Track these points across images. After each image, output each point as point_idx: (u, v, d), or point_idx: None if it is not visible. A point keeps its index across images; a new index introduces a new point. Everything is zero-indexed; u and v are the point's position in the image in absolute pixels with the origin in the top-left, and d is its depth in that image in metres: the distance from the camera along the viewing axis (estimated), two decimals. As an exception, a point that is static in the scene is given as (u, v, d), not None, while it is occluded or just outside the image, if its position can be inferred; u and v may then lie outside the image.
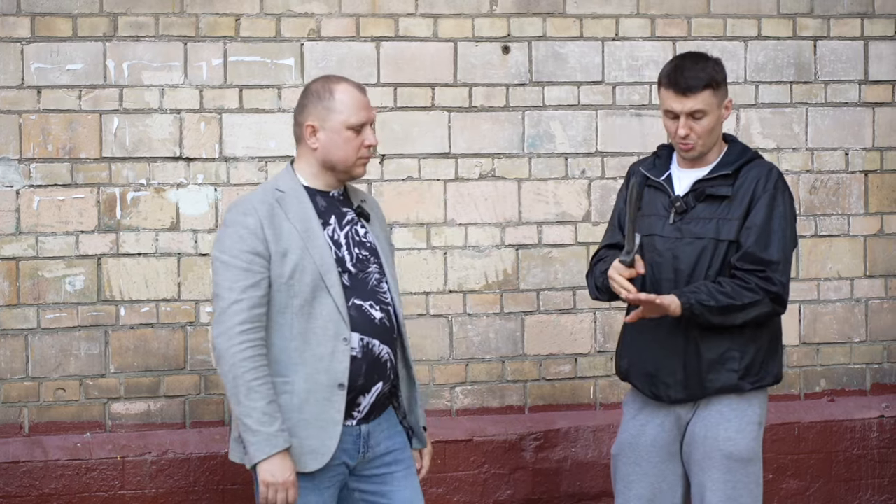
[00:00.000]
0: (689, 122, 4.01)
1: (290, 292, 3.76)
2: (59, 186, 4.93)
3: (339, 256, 3.82)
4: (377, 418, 3.87)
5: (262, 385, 3.70)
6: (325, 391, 3.75)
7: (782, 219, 4.02)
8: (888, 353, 5.65)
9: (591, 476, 5.28)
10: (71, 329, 4.95)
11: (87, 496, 4.86)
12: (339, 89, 3.83)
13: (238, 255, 3.75)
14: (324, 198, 3.87)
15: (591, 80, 5.34)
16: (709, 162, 4.09)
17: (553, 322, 5.35)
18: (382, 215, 4.04)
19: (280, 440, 3.69)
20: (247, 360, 3.70)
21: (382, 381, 3.84)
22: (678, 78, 4.01)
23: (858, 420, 5.51)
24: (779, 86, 5.50)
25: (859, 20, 5.56)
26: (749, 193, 4.02)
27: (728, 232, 4.00)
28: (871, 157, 5.59)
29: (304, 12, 5.09)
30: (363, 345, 3.79)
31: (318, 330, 3.76)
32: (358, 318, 3.79)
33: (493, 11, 5.25)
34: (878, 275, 5.62)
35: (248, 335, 3.71)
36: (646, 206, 4.13)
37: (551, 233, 5.33)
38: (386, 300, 3.87)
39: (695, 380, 4.02)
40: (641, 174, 4.11)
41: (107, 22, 4.95)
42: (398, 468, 3.91)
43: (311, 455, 3.75)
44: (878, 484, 5.54)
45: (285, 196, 3.83)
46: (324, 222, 3.83)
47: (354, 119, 3.80)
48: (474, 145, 5.25)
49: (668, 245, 4.05)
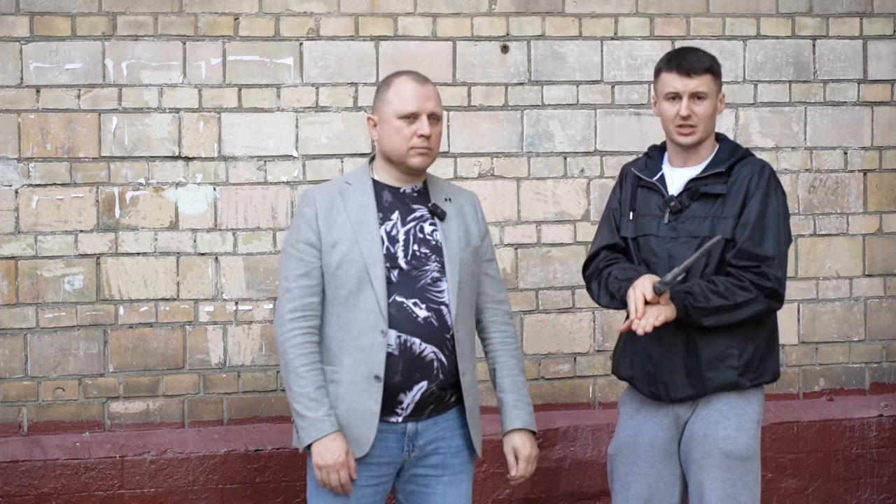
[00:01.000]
0: (691, 103, 4.01)
1: (337, 282, 3.82)
2: (57, 186, 4.94)
3: (392, 252, 3.84)
4: (432, 417, 3.87)
5: (310, 371, 3.78)
6: (364, 382, 3.80)
7: (776, 215, 4.01)
8: (887, 353, 5.64)
9: (590, 475, 5.28)
10: (70, 328, 4.96)
11: (86, 495, 4.87)
12: (396, 81, 3.89)
13: (294, 245, 3.86)
14: (392, 193, 3.91)
15: (590, 80, 5.34)
16: (701, 159, 4.09)
17: (552, 321, 5.35)
18: (476, 214, 4.02)
19: (327, 424, 3.75)
20: (296, 346, 3.79)
21: (427, 380, 3.83)
22: (681, 60, 4.04)
23: (857, 419, 5.51)
24: (777, 85, 5.50)
25: (858, 19, 5.57)
26: (743, 190, 4.01)
27: (723, 230, 3.99)
28: (870, 157, 5.59)
29: (302, 11, 5.10)
30: (401, 342, 3.80)
31: (360, 321, 3.81)
32: (397, 315, 3.81)
33: (491, 11, 5.26)
34: (876, 274, 5.62)
35: (298, 322, 3.80)
36: (640, 207, 4.13)
37: (550, 232, 5.33)
38: (439, 300, 3.86)
39: (694, 378, 4.02)
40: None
41: (106, 21, 4.95)
42: (444, 472, 3.92)
43: (354, 443, 3.80)
44: (877, 483, 5.54)
45: (350, 188, 3.89)
46: (384, 217, 3.87)
47: (406, 108, 3.83)
48: (473, 144, 5.26)
49: (664, 245, 4.05)
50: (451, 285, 3.86)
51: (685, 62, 4.04)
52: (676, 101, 4.03)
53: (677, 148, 4.12)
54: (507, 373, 4.02)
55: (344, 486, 3.78)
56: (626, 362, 4.17)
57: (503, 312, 4.06)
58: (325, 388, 3.80)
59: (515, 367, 4.05)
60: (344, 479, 3.77)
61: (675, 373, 4.03)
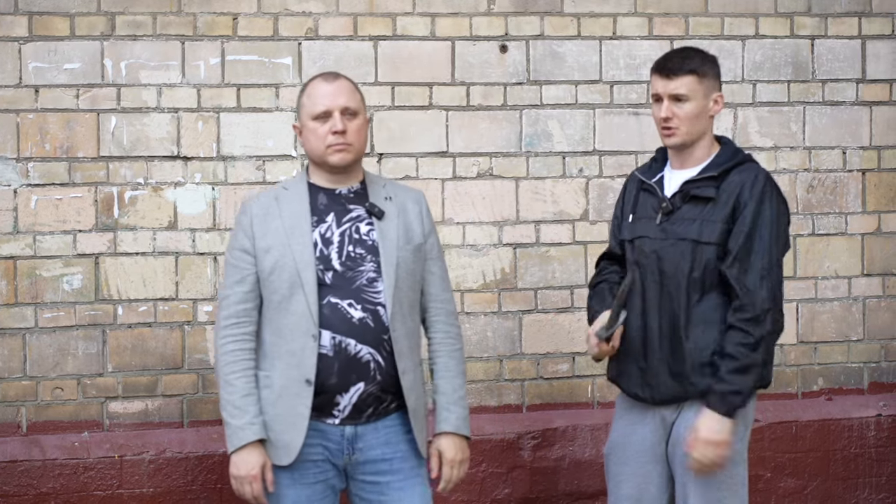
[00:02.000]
0: (671, 105, 4.02)
1: (271, 288, 3.82)
2: (56, 185, 4.94)
3: (325, 254, 3.83)
4: (374, 421, 3.85)
5: (238, 378, 3.79)
6: (296, 387, 3.78)
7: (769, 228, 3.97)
8: (886, 352, 5.65)
9: (589, 475, 5.28)
10: (69, 328, 4.96)
11: (84, 495, 4.88)
12: (308, 85, 3.91)
13: (231, 252, 3.89)
14: (328, 195, 3.90)
15: (589, 79, 5.35)
16: (698, 161, 4.09)
17: (551, 321, 5.35)
18: (420, 212, 3.99)
19: (248, 433, 3.76)
20: (227, 353, 3.81)
21: (364, 382, 3.81)
22: (665, 62, 4.06)
23: (856, 419, 5.51)
24: (776, 84, 5.50)
25: (857, 19, 5.57)
26: (733, 198, 4.00)
27: (710, 234, 3.98)
28: (869, 156, 5.60)
29: (301, 11, 5.10)
30: (335, 343, 3.78)
31: (292, 325, 3.79)
32: (331, 317, 3.79)
33: (490, 10, 5.26)
34: (875, 273, 5.62)
35: (232, 329, 3.82)
36: (638, 209, 4.15)
37: (549, 231, 5.34)
38: (375, 300, 3.83)
39: (679, 382, 4.01)
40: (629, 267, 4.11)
41: (104, 21, 4.96)
42: (394, 478, 3.89)
43: (284, 449, 3.80)
44: (876, 482, 5.55)
45: (286, 194, 3.90)
46: (318, 220, 3.86)
47: (318, 108, 3.84)
48: (472, 144, 5.27)
49: (654, 246, 4.05)
50: (388, 285, 3.83)
51: (668, 64, 4.06)
52: (659, 102, 4.06)
53: (673, 150, 4.13)
54: (444, 374, 3.98)
55: (257, 498, 3.78)
56: (615, 363, 4.18)
57: (447, 312, 4.02)
58: (253, 396, 3.80)
59: (454, 368, 4.00)
60: (257, 492, 3.78)
61: (660, 376, 4.03)
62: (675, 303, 4.01)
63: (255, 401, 3.80)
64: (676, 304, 4.00)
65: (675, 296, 4.01)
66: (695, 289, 3.99)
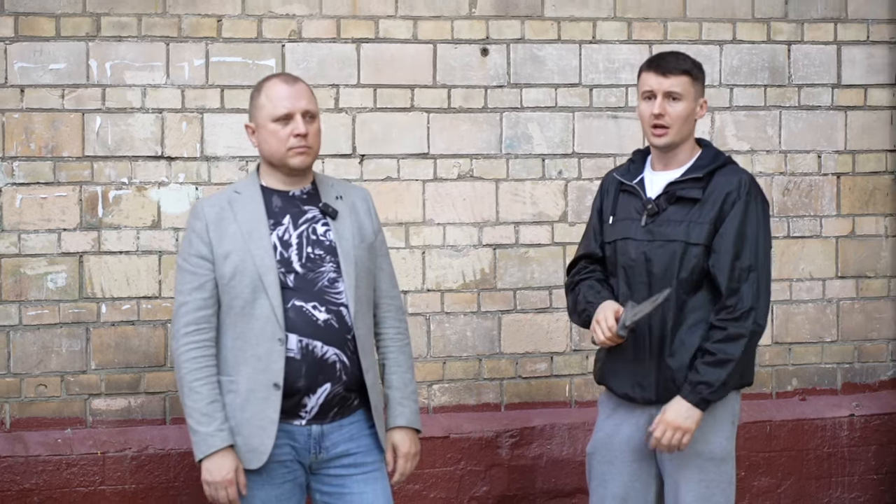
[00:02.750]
0: (664, 102, 4.05)
1: (232, 293, 3.81)
2: (41, 185, 4.94)
3: (286, 257, 3.82)
4: (338, 420, 3.87)
5: (203, 385, 3.78)
6: (264, 391, 3.78)
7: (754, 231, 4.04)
8: (859, 353, 5.68)
9: (567, 473, 5.31)
10: (52, 326, 4.96)
11: (67, 491, 4.88)
12: (266, 85, 3.89)
13: (187, 259, 3.86)
14: (281, 197, 3.89)
15: (569, 83, 5.37)
16: (681, 164, 4.12)
17: (529, 321, 5.37)
18: (369, 209, 4.01)
19: (217, 440, 3.76)
20: (189, 361, 3.79)
21: (331, 382, 3.82)
22: (660, 61, 4.10)
23: (829, 419, 5.55)
24: (753, 89, 5.53)
25: (832, 25, 5.60)
26: (720, 200, 4.04)
27: (698, 235, 4.02)
28: (844, 160, 5.63)
29: (285, 14, 5.12)
30: (302, 346, 3.79)
31: (257, 330, 3.79)
32: (297, 320, 3.79)
33: (471, 14, 5.28)
34: (849, 276, 5.66)
35: (192, 336, 3.80)
36: (619, 211, 4.17)
37: (528, 233, 5.36)
38: (337, 301, 3.84)
39: (668, 383, 4.05)
40: None
41: (90, 22, 4.95)
42: (357, 471, 3.91)
43: (253, 453, 3.80)
44: (848, 481, 5.58)
45: (239, 198, 3.88)
46: (275, 222, 3.85)
47: (279, 110, 3.82)
48: (453, 146, 5.28)
49: (641, 248, 4.08)
50: (349, 285, 3.85)
51: (663, 62, 4.09)
52: (652, 99, 4.07)
53: (657, 151, 4.15)
54: (396, 369, 4.01)
55: (231, 502, 3.79)
56: (602, 365, 4.21)
57: (396, 308, 4.04)
58: (218, 403, 3.79)
59: (404, 363, 4.03)
60: (232, 496, 3.78)
61: (649, 377, 4.07)
62: (664, 304, 4.03)
63: (220, 407, 3.80)
64: (666, 306, 4.02)
65: None
66: (684, 290, 4.03)
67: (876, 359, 5.70)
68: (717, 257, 4.01)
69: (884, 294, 5.68)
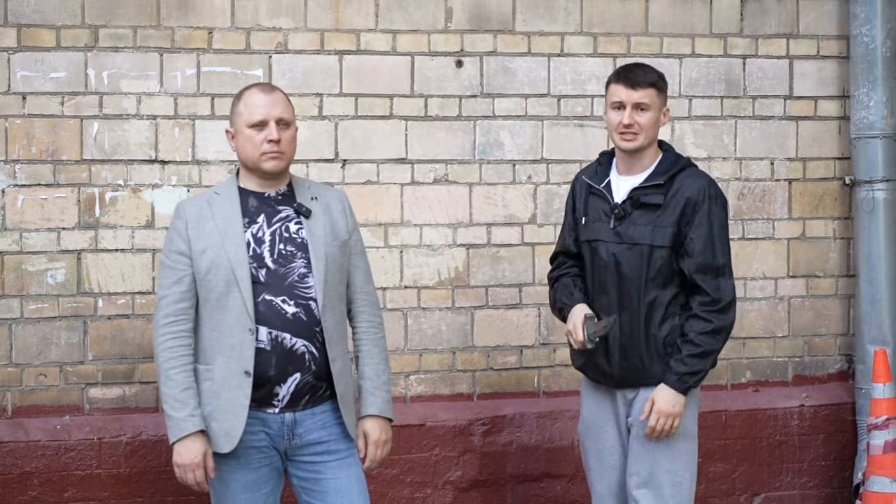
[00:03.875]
0: (633, 113, 4.18)
1: (208, 287, 3.89)
2: (42, 186, 4.99)
3: (258, 253, 3.90)
4: (310, 408, 3.95)
5: (179, 373, 3.87)
6: (236, 379, 3.87)
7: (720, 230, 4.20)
8: (808, 348, 5.76)
9: (535, 459, 5.39)
10: (52, 319, 5.00)
11: (65, 475, 4.94)
12: (245, 93, 3.97)
13: (168, 255, 3.95)
14: (258, 198, 3.97)
15: (538, 93, 5.43)
16: (643, 168, 4.25)
17: (500, 316, 5.43)
18: (344, 210, 4.07)
19: (189, 424, 3.84)
20: (166, 350, 3.88)
21: (300, 372, 3.90)
22: (629, 74, 4.23)
23: (781, 409, 5.62)
24: (710, 100, 5.60)
25: (785, 40, 5.66)
26: (681, 204, 4.18)
27: (662, 238, 4.18)
28: (795, 167, 5.70)
29: (272, 27, 5.16)
30: (272, 338, 3.87)
31: (231, 321, 3.87)
32: (267, 313, 3.87)
33: (447, 28, 5.33)
34: (800, 275, 5.73)
35: (170, 327, 3.89)
36: (590, 212, 4.31)
37: (499, 233, 5.42)
38: (307, 295, 3.92)
39: (635, 370, 4.23)
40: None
41: (88, 33, 5.00)
42: (330, 458, 3.98)
43: (225, 438, 3.88)
44: (798, 468, 5.68)
45: (218, 198, 3.97)
46: (250, 221, 3.93)
47: (255, 117, 3.90)
48: (429, 152, 5.34)
49: (611, 250, 4.24)
50: (318, 280, 3.91)
51: (631, 75, 4.22)
52: (621, 110, 4.20)
53: (622, 155, 4.27)
54: (369, 360, 4.07)
55: (199, 484, 3.87)
56: (578, 355, 4.39)
57: (370, 303, 4.10)
58: (192, 390, 3.86)
59: (378, 355, 4.09)
60: (199, 479, 3.86)
61: (621, 366, 4.25)
62: (633, 301, 4.21)
63: (194, 394, 3.87)
64: (635, 302, 4.20)
65: (633, 295, 4.21)
66: (651, 287, 4.20)
67: (824, 353, 5.77)
68: (691, 261, 4.17)
69: (832, 293, 5.75)
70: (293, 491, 4.08)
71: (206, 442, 3.88)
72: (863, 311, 5.69)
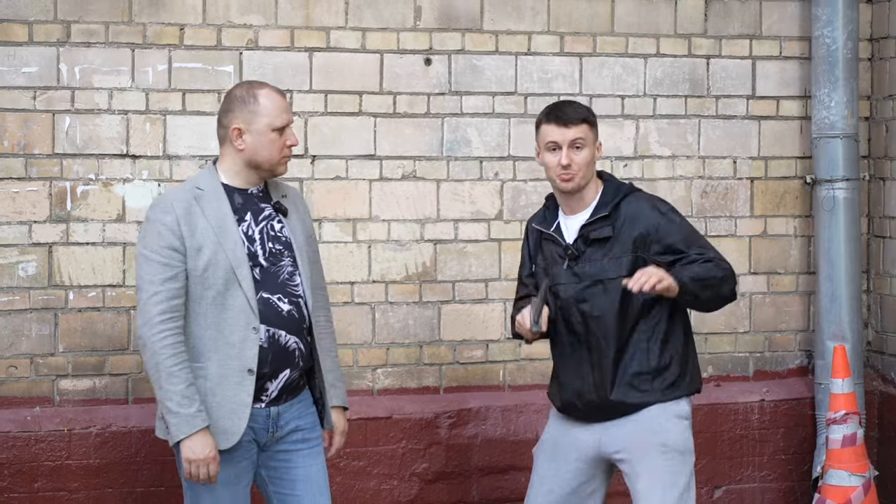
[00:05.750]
0: (570, 152, 4.07)
1: (205, 284, 3.89)
2: (13, 179, 5.00)
3: (252, 251, 3.93)
4: (290, 400, 4.02)
5: (182, 370, 3.85)
6: (237, 376, 3.89)
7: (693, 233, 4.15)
8: (769, 343, 5.81)
9: (500, 451, 5.42)
10: (23, 311, 5.02)
11: (35, 465, 4.96)
12: (262, 94, 3.96)
13: (157, 251, 3.89)
14: (241, 195, 3.99)
15: (505, 91, 5.47)
16: (587, 205, 4.17)
17: (467, 311, 5.48)
18: (306, 209, 4.15)
19: (199, 420, 3.84)
20: (167, 347, 3.85)
21: (290, 368, 3.97)
22: (560, 113, 4.12)
23: (741, 403, 5.67)
24: (675, 99, 5.65)
25: (748, 41, 5.72)
26: (634, 229, 4.09)
27: (618, 269, 4.08)
28: (757, 166, 5.76)
29: (242, 23, 5.19)
30: (269, 335, 3.92)
31: (231, 320, 3.88)
32: (265, 311, 3.91)
33: (416, 26, 5.37)
34: (761, 272, 5.78)
35: (168, 324, 3.86)
36: (546, 257, 4.22)
37: (466, 229, 5.46)
38: (296, 293, 3.98)
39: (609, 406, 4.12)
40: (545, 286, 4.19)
41: (60, 29, 5.01)
42: (304, 446, 4.04)
43: (223, 435, 3.90)
44: (759, 461, 5.73)
45: (204, 194, 3.94)
46: (239, 218, 3.95)
47: (279, 121, 3.94)
48: (398, 148, 5.37)
49: (570, 290, 4.14)
50: (304, 277, 3.98)
51: (562, 114, 4.10)
52: (557, 150, 4.09)
53: (564, 196, 4.18)
54: (327, 354, 4.11)
55: (212, 478, 3.88)
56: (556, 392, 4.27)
57: (325, 298, 4.17)
58: (195, 386, 3.85)
59: (334, 349, 4.16)
60: (213, 472, 3.87)
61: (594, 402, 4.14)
62: (600, 339, 4.11)
63: (196, 390, 3.86)
64: (602, 340, 4.10)
65: (600, 332, 4.11)
66: (616, 322, 4.09)
67: (784, 349, 5.83)
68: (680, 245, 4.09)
69: (792, 289, 5.82)
70: (258, 483, 4.13)
71: (213, 437, 3.89)
72: (822, 308, 5.75)
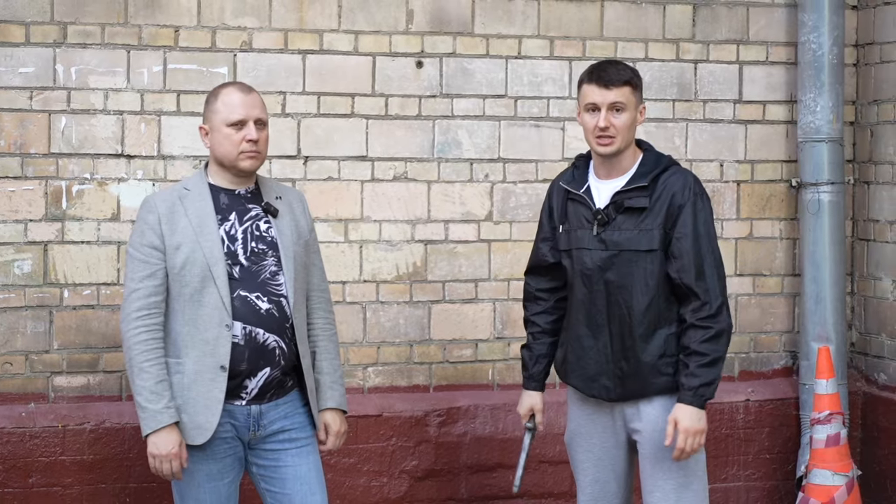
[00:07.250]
0: (609, 115, 3.94)
1: (182, 281, 3.93)
2: (10, 178, 5.04)
3: (232, 250, 3.96)
4: (275, 400, 4.04)
5: (153, 366, 3.89)
6: (210, 373, 3.92)
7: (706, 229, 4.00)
8: (754, 344, 5.83)
9: (489, 449, 5.45)
10: (18, 309, 5.05)
11: (30, 461, 4.99)
12: (223, 92, 4.00)
13: (139, 249, 3.96)
14: (228, 195, 4.02)
15: (496, 94, 5.49)
16: (624, 171, 4.04)
17: (456, 310, 5.50)
18: (306, 211, 4.17)
19: (165, 416, 3.88)
20: (139, 343, 3.89)
21: (270, 366, 3.98)
22: (601, 73, 3.98)
23: (727, 403, 5.67)
24: (662, 103, 5.65)
25: (735, 46, 5.74)
26: (666, 204, 3.98)
27: (649, 242, 3.97)
28: (743, 169, 5.77)
29: (237, 26, 5.22)
30: (246, 333, 3.94)
31: (206, 317, 3.92)
32: (242, 308, 3.93)
33: (408, 29, 5.39)
34: (747, 274, 5.80)
35: (143, 320, 3.91)
36: (571, 219, 4.09)
37: (457, 230, 5.48)
38: (278, 292, 3.99)
39: (632, 382, 4.04)
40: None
41: (57, 30, 5.04)
42: (291, 446, 4.06)
43: (198, 430, 3.93)
44: (744, 460, 5.75)
45: (189, 194, 3.99)
46: (222, 218, 3.97)
47: (234, 116, 3.93)
48: (389, 150, 5.39)
49: (596, 258, 4.03)
50: (288, 277, 3.99)
51: (605, 74, 3.97)
52: (596, 112, 3.96)
53: (600, 158, 4.04)
54: (326, 356, 4.15)
55: (175, 474, 3.91)
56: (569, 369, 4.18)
57: (325, 300, 4.19)
58: (166, 382, 3.89)
59: (333, 350, 4.17)
60: (175, 469, 3.90)
61: (615, 378, 4.06)
62: (623, 309, 4.01)
63: (168, 386, 3.90)
64: (626, 311, 4.01)
65: (624, 303, 4.01)
66: (642, 294, 4.00)
67: (770, 349, 5.85)
68: (679, 262, 3.97)
69: (777, 291, 5.83)
70: (252, 479, 4.17)
71: (180, 433, 3.93)
72: (807, 310, 5.77)
